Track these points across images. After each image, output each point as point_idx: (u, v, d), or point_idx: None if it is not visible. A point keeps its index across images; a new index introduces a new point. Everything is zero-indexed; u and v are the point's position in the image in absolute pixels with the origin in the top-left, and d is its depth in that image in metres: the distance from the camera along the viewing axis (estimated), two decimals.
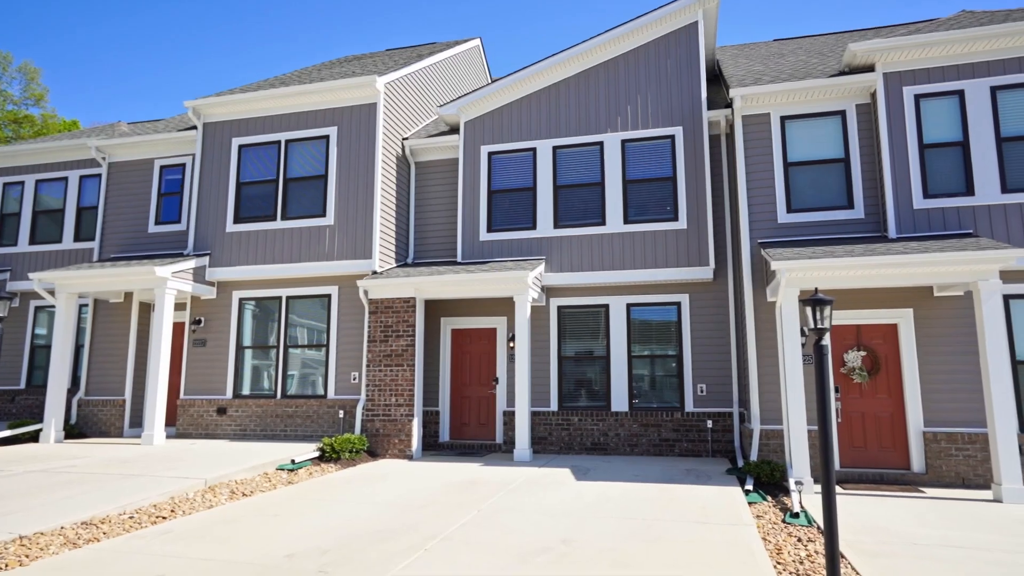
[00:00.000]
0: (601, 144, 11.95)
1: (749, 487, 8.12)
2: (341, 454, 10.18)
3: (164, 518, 6.65)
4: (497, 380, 12.23)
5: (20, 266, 14.84)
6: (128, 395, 13.02)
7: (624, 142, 11.84)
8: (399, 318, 11.35)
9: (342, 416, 11.62)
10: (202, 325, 12.69)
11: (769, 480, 8.55)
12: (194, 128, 13.62)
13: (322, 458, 10.19)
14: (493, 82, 12.71)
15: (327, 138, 12.47)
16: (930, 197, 9.44)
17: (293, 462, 9.63)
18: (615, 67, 12.15)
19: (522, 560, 5.20)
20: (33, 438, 11.98)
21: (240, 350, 12.56)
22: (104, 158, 14.17)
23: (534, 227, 12.02)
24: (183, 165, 13.77)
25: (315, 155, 12.53)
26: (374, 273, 11.79)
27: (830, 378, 4.38)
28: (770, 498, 7.79)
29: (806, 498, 7.68)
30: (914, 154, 9.55)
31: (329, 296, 12.22)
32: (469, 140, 12.65)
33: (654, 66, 11.95)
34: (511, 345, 11.85)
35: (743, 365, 10.57)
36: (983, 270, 8.06)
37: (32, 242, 15.01)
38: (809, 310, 4.82)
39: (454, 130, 13.15)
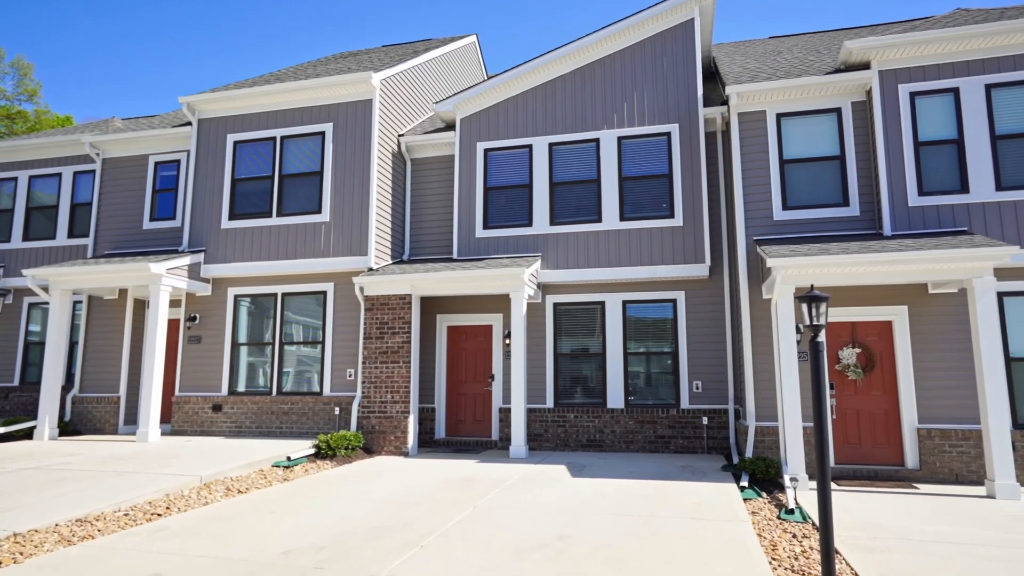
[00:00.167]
0: (597, 141, 11.95)
1: (744, 483, 8.16)
2: (337, 451, 10.18)
3: (159, 515, 6.64)
4: (493, 377, 12.23)
5: (14, 262, 14.76)
6: (123, 392, 12.99)
7: (620, 139, 11.83)
8: (395, 315, 11.34)
9: (338, 413, 11.61)
10: (197, 322, 12.66)
11: (764, 477, 8.58)
12: (189, 124, 13.56)
13: (318, 455, 10.19)
14: (489, 79, 12.68)
15: (323, 134, 12.43)
16: (925, 195, 9.48)
17: (289, 459, 9.62)
18: (611, 64, 12.13)
19: (518, 557, 5.21)
20: (27, 435, 11.95)
21: (235, 347, 12.53)
22: (98, 154, 14.10)
23: (530, 224, 12.02)
24: (178, 161, 13.71)
25: (311, 151, 12.49)
26: (370, 270, 11.77)
27: (825, 375, 4.39)
28: (765, 495, 7.82)
29: (801, 494, 7.71)
30: (909, 152, 9.58)
31: (325, 293, 12.20)
32: (465, 137, 12.62)
33: (650, 63, 11.95)
34: (507, 342, 11.85)
35: (739, 362, 10.60)
36: (977, 267, 8.09)
37: (26, 238, 14.92)
38: (805, 307, 4.84)
39: (450, 127, 13.12)
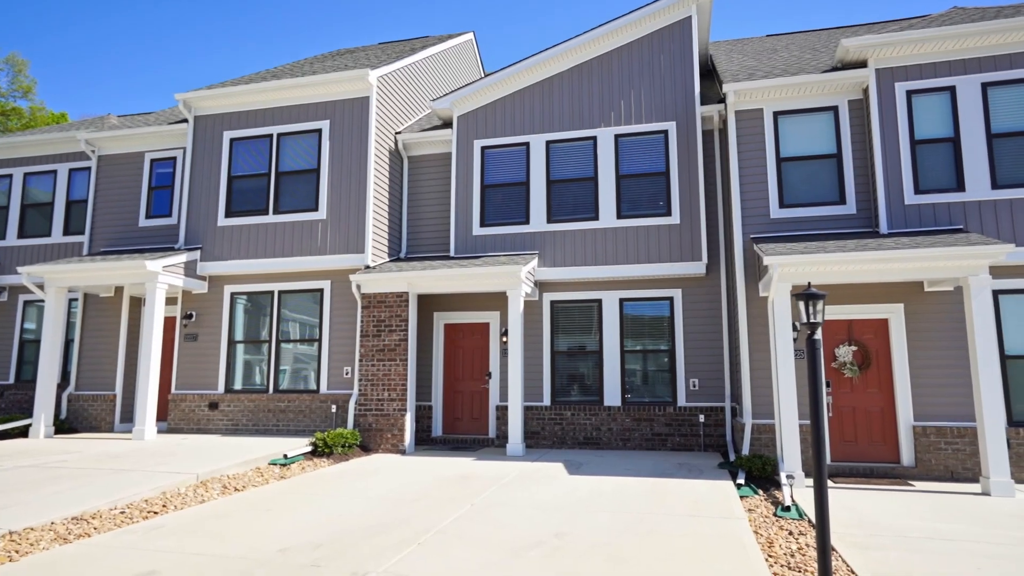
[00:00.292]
0: (594, 139, 11.94)
1: (741, 481, 8.18)
2: (334, 449, 10.17)
3: (155, 513, 6.62)
4: (490, 375, 12.23)
5: (9, 260, 14.70)
6: (119, 390, 12.96)
7: (617, 137, 11.83)
8: (392, 313, 11.32)
9: (335, 411, 11.60)
10: (193, 319, 12.62)
11: (761, 474, 8.60)
12: (185, 121, 13.51)
13: (314, 453, 10.17)
14: (486, 76, 12.66)
15: (319, 132, 12.40)
16: (921, 193, 9.50)
17: (285, 457, 9.61)
18: (608, 62, 12.13)
19: (515, 554, 5.21)
20: (22, 433, 11.91)
21: (232, 345, 12.51)
22: (94, 151, 14.04)
23: (527, 222, 12.01)
24: (174, 159, 13.67)
25: (307, 149, 12.46)
26: (367, 268, 11.76)
27: (822, 372, 4.40)
28: (762, 492, 7.84)
29: (797, 492, 7.73)
30: (905, 150, 9.59)
31: (322, 291, 12.18)
32: (462, 134, 12.61)
33: (647, 61, 11.94)
34: (504, 340, 11.85)
35: (735, 360, 10.62)
36: (973, 265, 8.11)
37: (21, 236, 14.86)
38: (802, 304, 4.84)
39: (447, 124, 13.10)
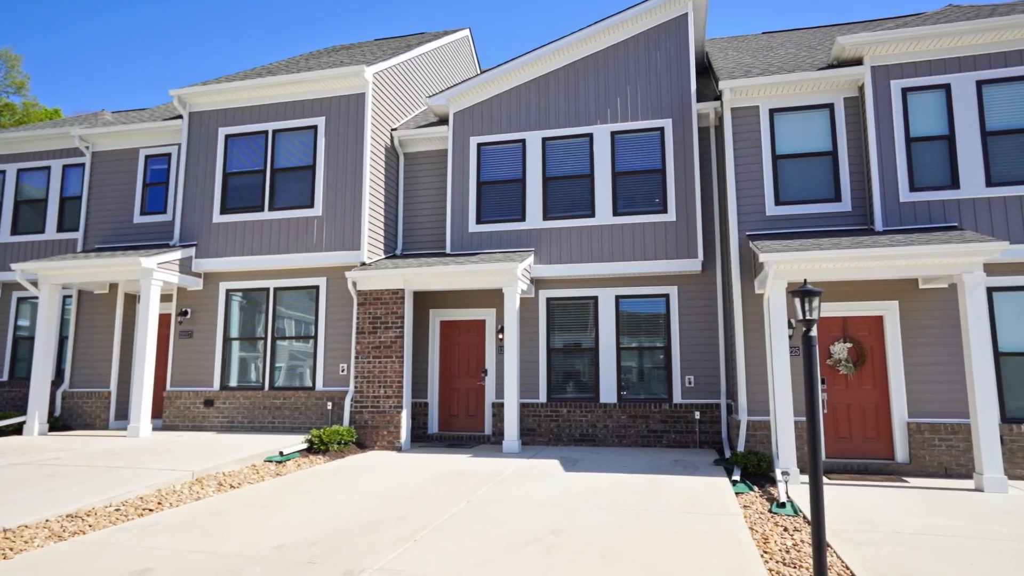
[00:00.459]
0: (590, 136, 11.93)
1: (736, 477, 8.20)
2: (329, 446, 10.16)
3: (151, 510, 6.61)
4: (486, 372, 12.23)
5: (2, 257, 14.62)
6: (113, 387, 12.92)
7: (613, 134, 11.83)
8: (388, 310, 11.31)
9: (330, 408, 11.59)
10: (188, 317, 12.58)
11: (756, 471, 8.63)
12: (180, 118, 13.44)
13: (310, 450, 10.16)
14: (482, 73, 12.63)
15: (315, 128, 12.36)
16: (916, 190, 9.52)
17: (281, 454, 9.60)
18: (605, 59, 12.12)
19: (511, 551, 5.22)
20: (17, 431, 11.86)
21: (227, 342, 12.47)
22: (88, 147, 13.97)
23: (523, 219, 12.01)
24: (168, 155, 13.61)
25: (303, 145, 12.42)
26: (363, 264, 11.73)
27: (817, 369, 4.41)
28: (757, 488, 7.87)
29: (792, 488, 7.76)
30: (901, 147, 9.62)
31: (317, 288, 12.16)
32: (458, 131, 12.58)
33: (644, 58, 11.94)
34: (500, 337, 11.85)
35: (731, 357, 10.64)
36: (967, 263, 8.14)
37: (14, 232, 14.78)
38: (798, 301, 4.85)
39: (443, 121, 13.08)
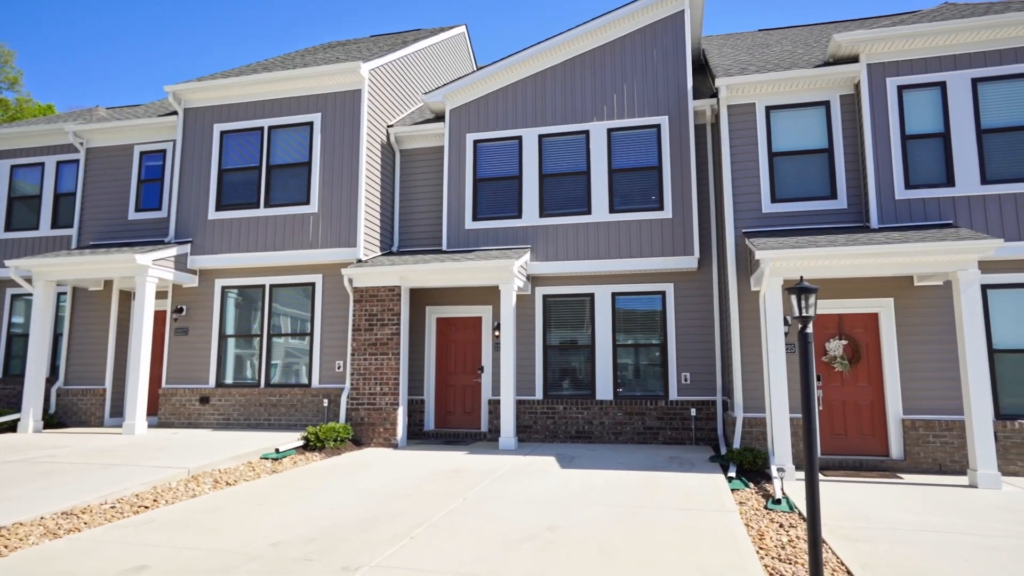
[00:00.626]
0: (587, 133, 11.93)
1: (732, 474, 8.22)
2: (326, 443, 10.15)
3: (147, 508, 6.59)
4: (482, 369, 12.23)
5: None
6: (109, 384, 12.88)
7: (610, 131, 11.82)
8: (384, 307, 11.29)
9: (327, 405, 11.57)
10: (184, 313, 12.54)
11: (752, 467, 8.65)
12: (175, 114, 13.39)
13: (307, 447, 10.15)
14: (479, 69, 12.60)
15: (311, 125, 12.32)
16: (912, 188, 9.55)
17: (277, 451, 9.58)
18: (601, 56, 12.10)
19: (508, 548, 5.22)
20: (11, 428, 11.81)
21: (223, 339, 12.44)
22: (82, 143, 13.89)
23: (520, 216, 12.00)
24: (164, 151, 13.55)
25: (299, 142, 12.38)
26: (359, 261, 11.71)
27: (813, 366, 4.42)
28: (752, 485, 7.89)
29: (788, 485, 7.78)
30: (896, 145, 9.64)
31: (313, 284, 12.13)
32: (454, 128, 12.56)
33: (640, 55, 11.93)
34: (496, 334, 11.85)
35: (727, 354, 10.67)
36: (962, 260, 8.18)
37: (8, 229, 14.69)
38: (794, 298, 4.85)
39: (439, 118, 13.05)
